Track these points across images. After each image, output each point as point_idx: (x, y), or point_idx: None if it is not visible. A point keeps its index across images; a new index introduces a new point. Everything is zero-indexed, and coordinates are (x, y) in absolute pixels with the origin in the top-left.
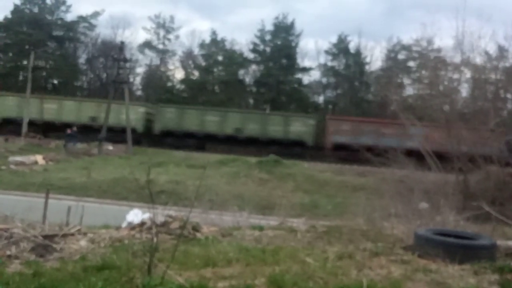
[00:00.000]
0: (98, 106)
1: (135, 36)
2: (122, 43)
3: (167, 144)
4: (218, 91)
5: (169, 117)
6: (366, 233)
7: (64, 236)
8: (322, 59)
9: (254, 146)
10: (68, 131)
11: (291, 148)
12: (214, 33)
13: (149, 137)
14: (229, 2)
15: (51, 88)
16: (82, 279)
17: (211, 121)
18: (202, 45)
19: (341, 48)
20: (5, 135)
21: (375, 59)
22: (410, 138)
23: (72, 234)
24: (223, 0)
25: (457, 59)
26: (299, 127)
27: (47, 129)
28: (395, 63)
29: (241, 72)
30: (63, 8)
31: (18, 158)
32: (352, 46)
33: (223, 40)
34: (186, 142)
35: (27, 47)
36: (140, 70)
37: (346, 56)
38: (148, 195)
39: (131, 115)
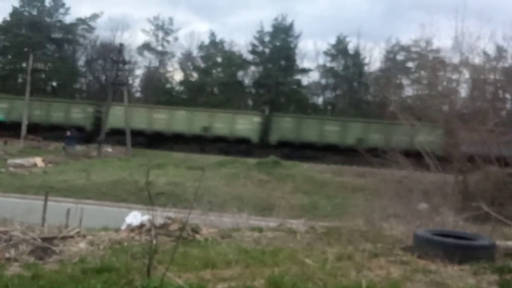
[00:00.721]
0: (211, 116)
1: (134, 38)
2: (121, 45)
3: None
4: (217, 92)
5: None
6: (365, 234)
7: (63, 238)
8: (321, 60)
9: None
10: (68, 133)
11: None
12: (213, 34)
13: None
14: (228, 4)
15: (50, 91)
16: (81, 281)
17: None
18: (201, 47)
19: (340, 49)
20: (113, 145)
21: (374, 60)
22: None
23: (71, 237)
24: (222, 1)
25: (456, 59)
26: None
27: (155, 140)
28: (394, 64)
29: (240, 73)
30: (62, 10)
31: (17, 161)
32: (351, 47)
33: (222, 42)
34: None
35: (26, 49)
36: (139, 72)
37: (345, 57)
38: (147, 197)
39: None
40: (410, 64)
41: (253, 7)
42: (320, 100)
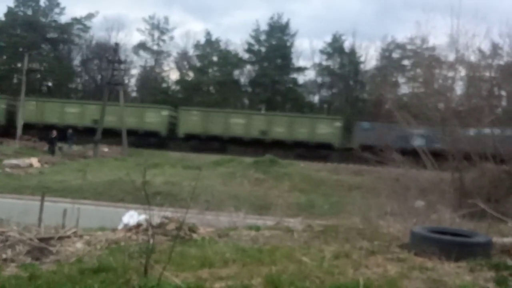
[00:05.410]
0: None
1: (130, 37)
2: (117, 44)
3: None
4: (213, 91)
5: None
6: (362, 232)
7: (60, 238)
8: (317, 59)
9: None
10: (53, 133)
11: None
12: (208, 33)
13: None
14: (222, 4)
15: (45, 91)
16: (79, 281)
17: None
18: (196, 46)
19: (335, 47)
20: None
21: (369, 58)
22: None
23: (68, 237)
24: (217, 2)
25: (452, 57)
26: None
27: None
28: (390, 62)
29: (236, 72)
30: (57, 10)
31: (13, 161)
32: (346, 46)
33: (217, 41)
34: None
35: (21, 49)
36: (135, 71)
37: (340, 55)
38: (144, 197)
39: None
40: (405, 62)
41: (247, 7)
42: (316, 99)
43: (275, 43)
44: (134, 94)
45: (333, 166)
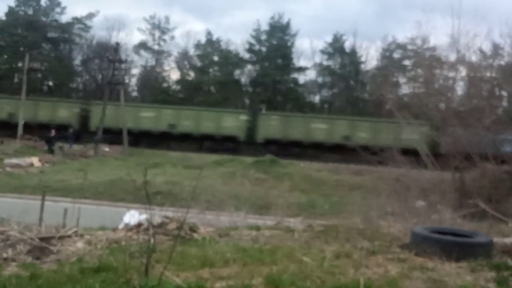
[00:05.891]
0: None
1: (130, 37)
2: (117, 44)
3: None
4: (214, 91)
5: None
6: (363, 232)
7: (61, 238)
8: (318, 59)
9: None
10: (52, 132)
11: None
12: (209, 33)
13: None
14: (223, 4)
15: (46, 90)
16: (79, 281)
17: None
18: (197, 46)
19: (336, 47)
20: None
21: (370, 58)
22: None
23: (69, 236)
24: (217, 2)
25: (453, 57)
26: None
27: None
28: (391, 62)
29: (237, 72)
30: (57, 9)
31: (14, 160)
32: (347, 46)
33: (218, 41)
34: None
35: (22, 49)
36: (135, 71)
37: (341, 55)
38: (144, 196)
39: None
40: (406, 62)
41: (247, 7)
42: (317, 99)
43: (276, 43)
44: (134, 94)
45: (333, 166)
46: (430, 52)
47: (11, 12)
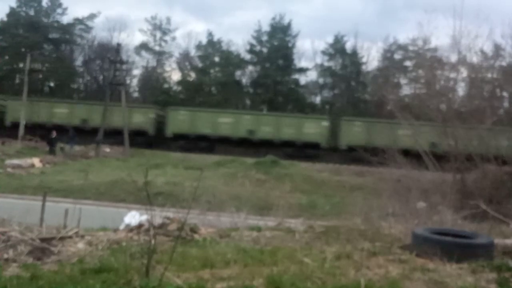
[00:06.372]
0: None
1: (132, 38)
2: (119, 45)
3: None
4: (215, 92)
5: None
6: (364, 233)
7: (62, 239)
8: (319, 60)
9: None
10: (54, 134)
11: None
12: (210, 34)
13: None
14: (224, 5)
15: (47, 91)
16: (80, 281)
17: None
18: (198, 47)
19: (337, 48)
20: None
21: (371, 59)
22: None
23: (70, 237)
24: (218, 2)
25: (454, 58)
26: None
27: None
28: (392, 62)
29: (238, 73)
30: (59, 10)
31: (15, 161)
32: (348, 46)
33: (219, 41)
34: None
35: (23, 49)
36: (136, 72)
37: (342, 56)
38: (145, 197)
39: None
40: (407, 63)
41: (248, 8)
42: (318, 99)
43: (277, 43)
44: (136, 95)
45: (334, 167)
46: (431, 53)
47: (12, 12)
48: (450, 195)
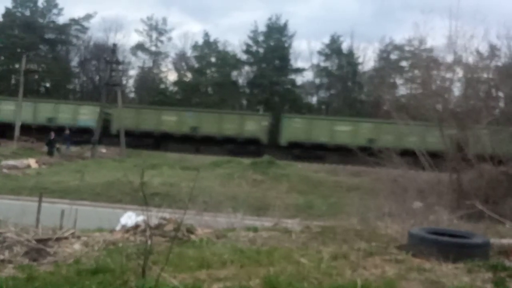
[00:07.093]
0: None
1: (128, 38)
2: (115, 45)
3: None
4: (211, 92)
5: None
6: (360, 233)
7: (58, 239)
8: (315, 60)
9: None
10: (52, 135)
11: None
12: (206, 34)
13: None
14: (221, 5)
15: (43, 92)
16: (76, 282)
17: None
18: (195, 47)
19: (333, 48)
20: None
21: (367, 59)
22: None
23: (66, 238)
24: (215, 3)
25: (450, 58)
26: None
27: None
28: (388, 63)
29: (234, 73)
30: (55, 11)
31: (11, 162)
32: (344, 47)
33: (216, 42)
34: None
35: (19, 50)
36: (133, 72)
37: (339, 56)
38: (142, 198)
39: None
40: (403, 63)
41: (245, 8)
42: (314, 100)
43: (273, 44)
44: (132, 95)
45: (331, 167)
46: (427, 53)
47: (8, 13)
48: (446, 195)
